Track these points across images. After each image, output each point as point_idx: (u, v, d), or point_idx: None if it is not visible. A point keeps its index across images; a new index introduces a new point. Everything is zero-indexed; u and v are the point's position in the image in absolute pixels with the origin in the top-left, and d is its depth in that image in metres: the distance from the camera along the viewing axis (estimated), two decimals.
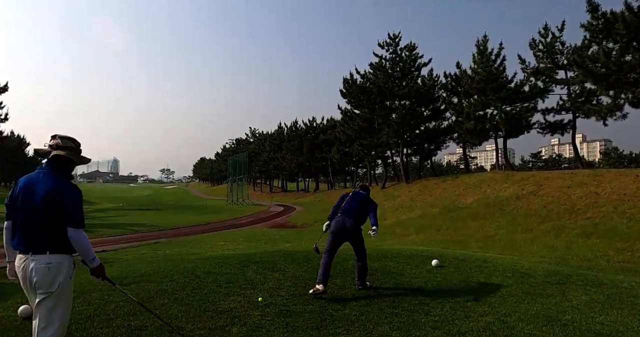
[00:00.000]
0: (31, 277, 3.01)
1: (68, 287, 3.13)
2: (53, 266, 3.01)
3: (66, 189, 3.11)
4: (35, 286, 3.00)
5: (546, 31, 29.64)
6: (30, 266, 3.00)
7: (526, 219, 17.13)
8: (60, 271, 3.04)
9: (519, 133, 31.86)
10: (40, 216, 3.04)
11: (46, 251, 3.01)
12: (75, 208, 3.07)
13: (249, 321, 4.73)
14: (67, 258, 3.13)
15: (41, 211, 3.04)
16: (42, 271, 2.99)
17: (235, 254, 9.77)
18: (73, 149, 3.27)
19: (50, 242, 3.03)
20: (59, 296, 3.05)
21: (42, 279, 2.99)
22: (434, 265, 8.05)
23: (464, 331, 4.55)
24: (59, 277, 3.03)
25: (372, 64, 39.89)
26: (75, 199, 3.10)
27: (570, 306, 5.75)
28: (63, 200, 3.05)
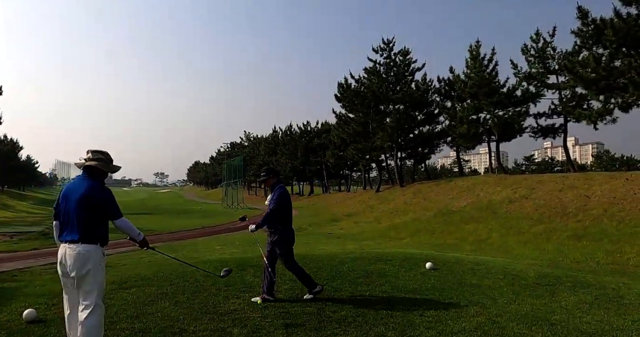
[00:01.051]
0: (65, 262, 3.69)
1: (98, 273, 3.73)
2: (83, 253, 3.64)
3: (98, 191, 3.81)
4: (69, 269, 3.66)
5: (538, 37, 30.06)
6: (66, 253, 3.69)
7: (518, 222, 17.40)
8: (89, 258, 3.65)
9: (511, 137, 32.24)
10: (76, 213, 3.72)
11: (79, 241, 3.66)
12: (111, 205, 3.81)
13: (249, 323, 4.90)
14: (96, 248, 3.73)
15: (77, 209, 3.73)
16: (74, 257, 3.63)
17: (232, 258, 9.92)
18: (103, 160, 3.96)
19: (83, 234, 3.68)
20: (92, 280, 3.66)
21: (73, 264, 3.63)
22: (428, 268, 8.24)
23: (456, 331, 4.73)
24: (88, 264, 3.64)
25: (366, 69, 40.18)
26: (108, 198, 3.82)
27: (558, 306, 5.96)
28: (97, 200, 3.76)
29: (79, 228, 3.69)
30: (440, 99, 38.59)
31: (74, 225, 3.71)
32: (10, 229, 20.19)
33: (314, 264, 8.51)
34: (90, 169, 3.90)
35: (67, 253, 3.67)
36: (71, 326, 3.79)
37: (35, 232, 18.54)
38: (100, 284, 3.76)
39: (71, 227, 3.73)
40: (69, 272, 3.68)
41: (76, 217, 3.71)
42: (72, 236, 3.69)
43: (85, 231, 3.68)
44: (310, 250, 12.48)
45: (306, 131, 62.97)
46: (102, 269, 3.80)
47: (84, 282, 3.65)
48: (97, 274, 3.69)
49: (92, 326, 3.59)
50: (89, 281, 3.65)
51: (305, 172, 62.75)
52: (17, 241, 16.58)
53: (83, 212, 3.70)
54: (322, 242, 16.72)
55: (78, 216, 3.71)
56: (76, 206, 3.73)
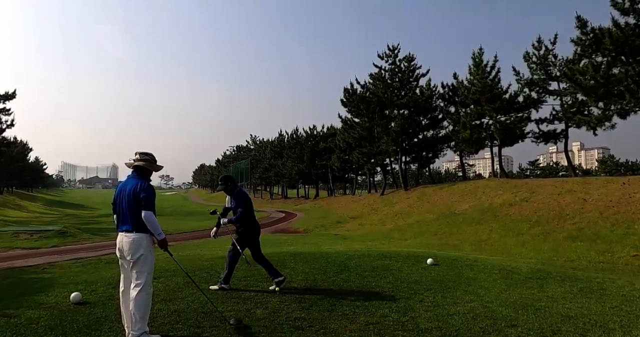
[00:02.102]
0: (122, 248, 4.42)
1: (149, 258, 4.42)
2: (136, 240, 4.35)
3: (143, 187, 4.44)
4: (125, 254, 4.40)
5: (539, 44, 30.69)
6: (122, 241, 4.42)
7: (517, 224, 18.03)
8: (141, 244, 4.36)
9: (513, 142, 32.82)
10: (128, 206, 4.41)
11: (133, 230, 4.37)
12: (148, 198, 4.38)
13: (270, 305, 5.59)
14: (146, 236, 4.42)
15: (128, 203, 4.42)
16: (128, 244, 4.36)
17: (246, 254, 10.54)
18: (148, 160, 4.66)
19: (135, 225, 4.37)
20: (143, 263, 4.37)
21: (128, 249, 4.36)
22: (429, 263, 8.92)
23: (451, 313, 5.41)
24: (140, 249, 4.35)
25: (371, 75, 40.90)
26: (148, 192, 4.41)
27: (545, 296, 6.63)
28: (140, 193, 4.38)
29: (131, 220, 4.37)
30: (444, 104, 39.18)
31: (127, 217, 4.40)
32: (29, 227, 21.00)
33: (323, 259, 9.17)
34: (138, 169, 4.60)
35: (124, 241, 4.39)
36: (124, 301, 4.49)
37: (53, 231, 19.33)
38: (150, 266, 4.43)
39: (125, 219, 4.42)
40: (125, 256, 4.41)
41: (128, 211, 4.39)
42: (126, 227, 4.39)
43: (136, 222, 4.35)
44: (318, 249, 13.15)
45: (312, 135, 63.64)
46: (152, 254, 4.47)
47: (137, 265, 4.35)
48: (147, 258, 4.39)
49: (142, 301, 4.29)
50: (141, 264, 4.35)
51: (311, 175, 63.41)
52: (38, 239, 17.39)
53: (133, 206, 4.37)
54: (329, 243, 17.37)
55: (129, 209, 4.38)
56: (127, 201, 4.41)
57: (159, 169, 4.79)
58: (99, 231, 22.91)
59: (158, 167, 4.75)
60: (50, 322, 4.87)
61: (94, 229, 24.27)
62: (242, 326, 4.71)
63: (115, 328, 4.64)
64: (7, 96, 41.94)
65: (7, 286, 7.71)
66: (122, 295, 4.53)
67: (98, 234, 21.10)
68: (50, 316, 5.09)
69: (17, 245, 16.14)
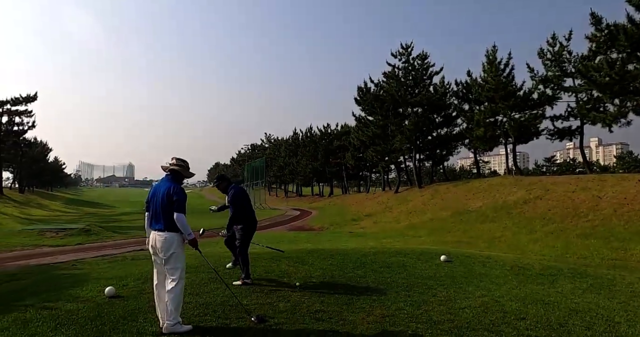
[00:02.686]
0: (155, 246, 4.74)
1: (180, 255, 4.77)
2: (167, 238, 4.68)
3: (175, 190, 4.75)
4: (157, 251, 4.74)
5: (554, 40, 30.52)
6: (155, 238, 4.74)
7: (531, 221, 18.15)
8: (172, 243, 4.69)
9: (528, 139, 32.73)
10: (161, 208, 4.73)
11: (165, 229, 4.69)
12: (179, 201, 4.69)
13: (291, 299, 5.93)
14: (177, 235, 4.73)
15: (161, 204, 4.74)
16: (161, 242, 4.69)
17: (265, 252, 10.90)
18: (182, 166, 5.02)
19: (166, 224, 4.69)
20: (175, 260, 4.72)
21: (160, 247, 4.69)
22: (443, 260, 9.20)
23: (463, 307, 5.71)
24: (171, 248, 4.68)
25: (385, 73, 41.03)
26: (180, 195, 4.72)
27: (555, 291, 6.88)
28: (173, 196, 4.69)
29: (163, 219, 4.69)
30: (458, 101, 39.14)
31: (159, 217, 4.73)
32: (53, 226, 21.70)
33: (340, 256, 9.49)
34: (173, 172, 4.97)
35: (156, 239, 4.73)
36: (159, 293, 4.86)
37: (77, 229, 19.98)
38: (182, 263, 4.78)
39: (157, 219, 4.75)
40: (158, 253, 4.76)
41: (161, 211, 4.72)
42: (159, 226, 4.73)
43: (168, 222, 4.67)
44: (334, 246, 13.49)
45: (326, 133, 63.92)
46: (183, 252, 4.84)
47: (169, 262, 4.70)
48: (179, 256, 4.74)
49: (177, 294, 4.65)
50: (173, 261, 4.71)
51: (325, 173, 63.76)
52: (63, 237, 18.03)
53: (165, 207, 4.69)
54: (344, 240, 17.72)
55: (162, 210, 4.71)
56: (160, 201, 4.74)
57: (191, 175, 5.18)
58: (120, 229, 23.55)
59: (190, 173, 5.13)
60: (89, 313, 5.26)
61: (115, 227, 24.93)
62: (265, 320, 4.98)
63: (149, 319, 5.01)
64: (29, 98, 43.14)
65: (43, 281, 8.16)
66: (156, 288, 4.90)
67: (119, 232, 21.72)
68: (88, 309, 5.47)
69: (44, 243, 16.76)
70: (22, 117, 45.71)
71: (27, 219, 27.91)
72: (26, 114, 45.48)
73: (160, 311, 4.78)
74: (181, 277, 4.75)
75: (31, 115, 45.80)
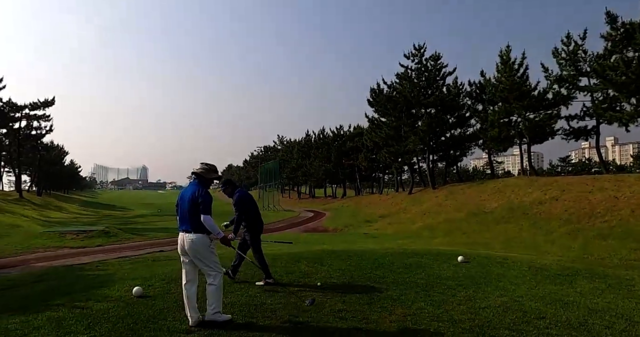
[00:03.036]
0: (184, 246, 4.99)
1: (209, 254, 4.98)
2: (195, 240, 4.90)
3: (201, 193, 4.96)
4: (186, 252, 4.99)
5: (569, 39, 30.27)
6: (183, 239, 4.98)
7: (547, 222, 18.09)
8: (199, 244, 4.91)
9: (543, 139, 32.53)
10: (187, 210, 4.96)
11: (192, 231, 4.92)
12: (205, 203, 4.88)
13: (314, 298, 6.07)
14: (203, 236, 4.93)
15: (187, 207, 4.97)
16: (189, 243, 4.93)
17: (283, 253, 11.08)
18: (205, 169, 5.20)
19: (193, 226, 4.91)
20: (204, 259, 4.96)
21: (188, 248, 4.94)
22: (460, 261, 9.27)
23: (483, 306, 5.80)
24: (200, 248, 4.91)
25: (398, 74, 41.09)
26: (204, 198, 4.90)
27: (574, 291, 6.93)
28: (198, 199, 4.90)
29: (190, 222, 4.92)
30: (472, 102, 39.04)
31: (186, 219, 4.96)
32: (73, 228, 22.13)
33: (357, 257, 9.61)
34: (198, 176, 5.17)
35: (185, 240, 4.96)
36: (187, 292, 5.04)
37: (96, 231, 20.36)
38: (213, 261, 5.01)
39: (185, 221, 4.99)
40: (186, 254, 5.00)
41: (188, 213, 4.95)
42: (186, 227, 4.96)
43: (194, 224, 4.88)
44: (351, 247, 13.60)
45: (339, 135, 64.08)
46: (212, 251, 5.02)
47: (201, 262, 4.96)
48: (208, 255, 4.97)
49: (215, 288, 4.97)
50: (204, 261, 4.95)
51: (338, 174, 63.89)
52: (83, 239, 18.41)
53: (191, 210, 4.91)
54: (360, 241, 17.82)
55: (189, 212, 4.94)
56: (187, 204, 4.97)
57: (215, 177, 5.35)
58: (138, 231, 23.90)
59: (215, 175, 5.29)
60: (119, 312, 5.44)
61: (133, 229, 25.31)
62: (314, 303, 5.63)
63: (178, 318, 5.18)
64: (47, 103, 43.98)
65: (71, 281, 8.41)
66: (184, 287, 5.08)
67: (137, 234, 22.05)
68: (118, 308, 5.66)
69: (65, 244, 17.15)
70: (40, 122, 46.65)
71: (47, 221, 28.47)
72: (44, 119, 46.38)
73: (190, 308, 4.96)
74: (217, 273, 5.03)
75: (49, 120, 46.72)
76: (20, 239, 18.24)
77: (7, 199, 37.94)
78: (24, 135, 46.68)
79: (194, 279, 5.14)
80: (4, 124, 45.20)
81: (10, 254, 14.85)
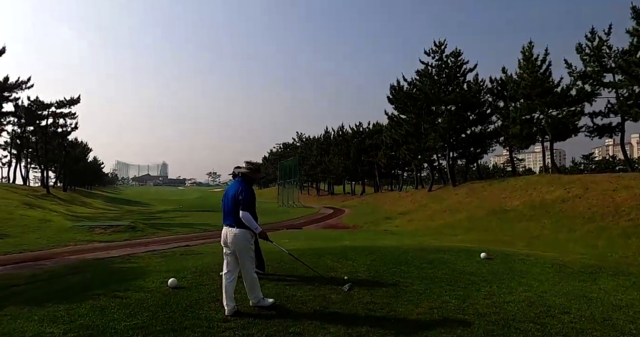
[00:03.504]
0: (226, 240, 5.40)
1: (247, 248, 5.37)
2: (237, 234, 5.31)
3: (242, 190, 5.38)
4: (228, 244, 5.40)
5: (593, 35, 29.79)
6: (227, 233, 5.40)
7: (570, 220, 17.96)
8: (240, 238, 5.31)
9: (566, 137, 32.11)
10: (231, 205, 5.39)
11: (234, 226, 5.33)
12: (246, 200, 5.28)
13: (342, 292, 6.27)
14: (245, 231, 5.32)
15: (230, 203, 5.40)
16: (231, 237, 5.34)
17: (309, 248, 11.29)
18: (250, 169, 5.64)
19: (236, 221, 5.31)
20: (244, 252, 5.35)
21: (230, 242, 5.36)
22: (483, 257, 9.37)
23: (507, 301, 5.94)
24: (240, 242, 5.31)
25: (418, 71, 40.94)
26: (244, 196, 5.31)
27: (598, 288, 7.01)
28: (239, 196, 5.32)
29: (233, 217, 5.33)
30: (493, 99, 38.67)
31: (230, 214, 5.39)
32: (100, 222, 22.74)
33: (379, 253, 9.77)
34: (241, 175, 5.62)
35: (228, 234, 5.37)
36: (226, 282, 5.34)
37: (123, 226, 20.91)
38: (249, 256, 5.41)
39: (228, 216, 5.42)
40: (228, 246, 5.39)
41: (230, 209, 5.38)
42: (229, 222, 5.38)
43: (237, 219, 5.28)
44: (373, 243, 13.77)
45: (358, 132, 64.13)
46: (250, 246, 5.41)
47: (241, 255, 5.34)
48: (247, 249, 5.37)
49: (250, 280, 5.41)
50: (243, 253, 5.34)
51: (357, 171, 63.97)
52: (111, 233, 18.94)
53: (233, 206, 5.34)
54: (380, 238, 17.96)
55: (231, 208, 5.37)
56: (230, 201, 5.41)
57: (259, 177, 5.80)
58: (162, 226, 24.42)
59: (258, 175, 5.71)
60: (157, 302, 5.74)
61: (157, 224, 25.86)
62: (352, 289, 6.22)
63: (214, 308, 5.45)
64: (72, 101, 45.08)
65: (107, 273, 8.78)
66: (224, 276, 5.43)
67: (162, 229, 22.55)
68: (155, 298, 5.95)
69: (94, 238, 17.69)
70: (66, 119, 47.80)
71: (75, 216, 29.23)
72: (70, 116, 47.50)
73: (227, 298, 5.26)
74: (251, 267, 5.43)
75: (74, 117, 47.82)
76: (51, 233, 18.85)
77: (35, 194, 39.04)
78: (51, 133, 47.89)
79: (234, 269, 5.45)
80: (31, 122, 46.49)
81: (43, 247, 15.40)
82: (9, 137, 52.69)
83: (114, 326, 4.82)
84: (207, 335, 4.53)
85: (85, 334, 4.59)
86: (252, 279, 5.39)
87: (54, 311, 5.48)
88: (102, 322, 5.00)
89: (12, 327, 4.89)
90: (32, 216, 23.56)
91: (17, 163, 55.16)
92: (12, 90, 40.06)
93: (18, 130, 50.07)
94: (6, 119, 44.71)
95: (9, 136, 52.23)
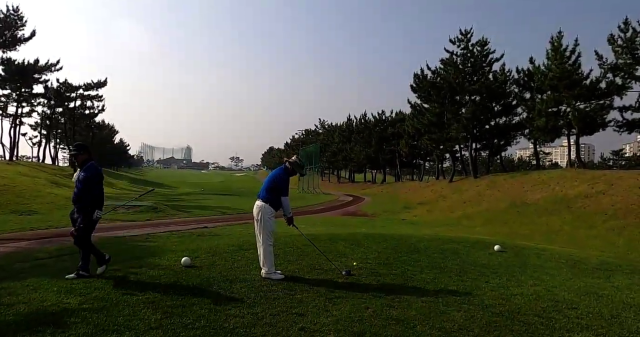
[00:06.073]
0: (255, 211, 6.24)
1: (267, 220, 6.12)
2: (260, 207, 6.18)
3: (279, 177, 6.34)
4: (254, 214, 6.23)
5: (626, 26, 28.82)
6: (255, 205, 6.27)
7: (592, 216, 17.64)
8: (262, 211, 6.14)
9: (593, 131, 31.32)
10: (267, 184, 6.34)
11: (262, 200, 6.21)
12: (281, 185, 6.23)
13: (349, 278, 6.37)
14: (268, 206, 6.17)
15: (267, 182, 6.36)
16: (256, 208, 6.22)
17: (322, 233, 11.41)
18: (293, 164, 6.50)
19: (264, 196, 6.23)
20: (263, 224, 6.13)
21: (256, 212, 6.22)
22: (496, 250, 9.33)
23: (515, 294, 5.92)
24: (260, 214, 6.15)
25: (443, 60, 40.37)
26: (280, 182, 6.26)
27: (610, 286, 6.90)
28: (275, 180, 6.29)
29: (265, 193, 6.25)
30: (519, 90, 37.93)
31: (263, 190, 6.30)
32: (123, 202, 23.29)
33: (393, 241, 9.82)
34: (289, 163, 6.50)
35: (257, 205, 6.23)
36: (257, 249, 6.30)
37: (145, 206, 21.40)
38: (267, 229, 6.14)
39: (262, 191, 6.32)
40: (254, 216, 6.26)
41: (265, 187, 6.32)
42: (262, 196, 6.27)
43: (266, 195, 6.21)
44: (388, 231, 13.81)
45: (380, 120, 63.76)
46: (271, 220, 6.17)
47: (259, 225, 6.16)
48: (267, 222, 6.13)
49: (265, 251, 6.12)
50: (262, 225, 6.13)
51: (378, 160, 63.75)
52: (133, 213, 19.43)
53: (268, 185, 6.28)
54: (397, 227, 17.98)
55: (266, 186, 6.31)
56: (268, 181, 6.39)
57: (298, 172, 6.57)
58: (183, 208, 24.90)
59: (301, 172, 6.72)
60: (169, 279, 5.92)
61: (178, 205, 26.38)
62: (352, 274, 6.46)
63: (223, 286, 5.60)
64: (100, 84, 45.99)
65: (124, 250, 9.04)
66: (257, 245, 6.33)
67: (183, 211, 23.01)
68: (168, 275, 6.14)
69: (117, 217, 18.15)
70: (93, 102, 48.82)
71: None
72: (97, 99, 48.48)
73: (260, 261, 6.24)
74: (267, 238, 6.14)
75: (101, 100, 48.80)
76: None
77: (62, 174, 40.14)
78: (79, 115, 48.98)
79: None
80: (60, 104, 47.60)
81: (68, 224, 15.84)
82: (39, 118, 54.10)
83: (126, 299, 5.00)
84: (214, 312, 4.66)
85: (99, 306, 4.77)
86: (267, 249, 6.05)
87: (71, 284, 5.70)
88: (115, 295, 5.18)
89: (32, 297, 5.11)
90: (59, 194, 24.27)
91: (47, 143, 56.73)
92: (42, 73, 40.97)
93: (48, 111, 51.35)
94: (36, 100, 45.88)
95: (39, 117, 53.63)
